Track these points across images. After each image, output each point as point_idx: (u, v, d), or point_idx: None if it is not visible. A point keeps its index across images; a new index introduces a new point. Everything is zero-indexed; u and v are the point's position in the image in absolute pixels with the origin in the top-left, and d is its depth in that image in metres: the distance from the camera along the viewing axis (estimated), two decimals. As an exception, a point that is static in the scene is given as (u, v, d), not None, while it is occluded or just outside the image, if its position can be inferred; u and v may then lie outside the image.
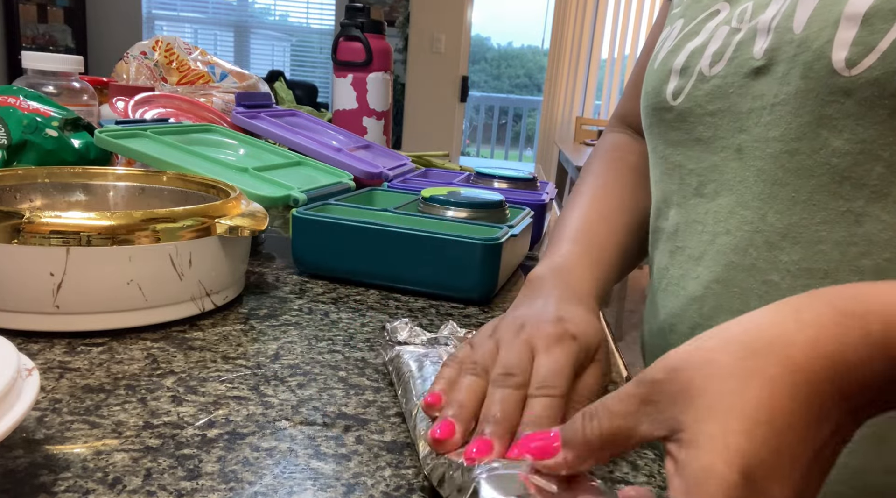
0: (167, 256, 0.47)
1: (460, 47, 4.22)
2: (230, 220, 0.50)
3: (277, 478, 0.32)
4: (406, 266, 0.59)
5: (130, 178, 0.61)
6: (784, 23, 0.38)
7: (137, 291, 0.46)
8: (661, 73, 0.47)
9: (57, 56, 0.80)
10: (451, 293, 0.59)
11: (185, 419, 0.37)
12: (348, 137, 0.99)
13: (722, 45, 0.43)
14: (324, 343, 0.48)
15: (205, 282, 0.49)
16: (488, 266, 0.58)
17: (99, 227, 0.44)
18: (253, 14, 5.29)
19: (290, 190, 0.65)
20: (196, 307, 0.50)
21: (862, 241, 0.36)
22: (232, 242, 0.51)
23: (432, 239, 0.57)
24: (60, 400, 0.37)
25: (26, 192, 0.57)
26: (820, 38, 0.36)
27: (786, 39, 0.38)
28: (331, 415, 0.38)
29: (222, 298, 0.52)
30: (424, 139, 4.31)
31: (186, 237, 0.47)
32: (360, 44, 1.04)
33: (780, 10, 0.39)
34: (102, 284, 0.45)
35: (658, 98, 0.47)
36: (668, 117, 0.46)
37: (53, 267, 0.43)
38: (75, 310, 0.45)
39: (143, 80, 1.05)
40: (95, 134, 0.65)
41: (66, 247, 0.43)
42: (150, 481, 0.31)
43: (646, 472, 0.36)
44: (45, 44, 4.74)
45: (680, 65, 0.45)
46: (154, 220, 0.46)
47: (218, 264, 0.50)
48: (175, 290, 0.48)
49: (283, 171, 0.73)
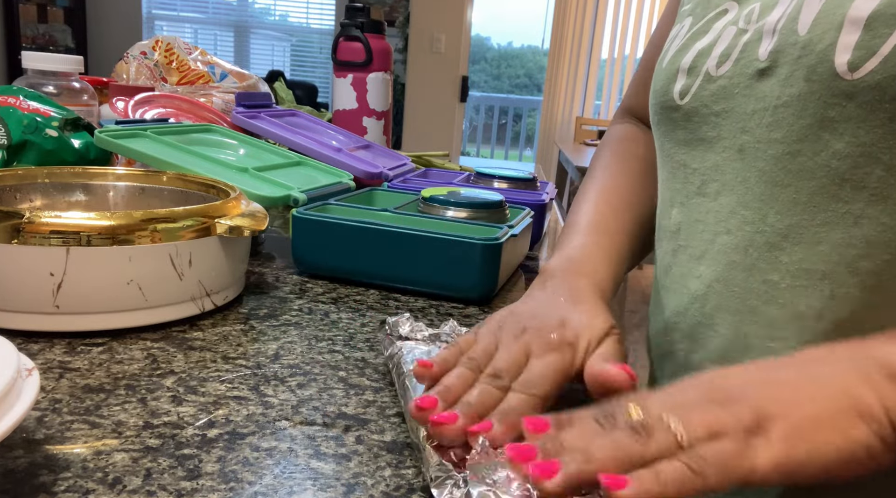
0: (167, 256, 0.47)
1: (460, 47, 4.22)
2: (230, 220, 0.50)
3: (277, 478, 0.32)
4: (406, 266, 0.59)
5: (130, 178, 0.61)
6: (789, 25, 0.38)
7: (137, 291, 0.46)
8: (668, 72, 0.47)
9: (57, 56, 0.80)
10: (451, 293, 0.59)
11: (185, 419, 0.37)
12: (348, 137, 0.99)
13: (729, 45, 0.43)
14: (324, 343, 0.48)
15: (205, 282, 0.49)
16: (488, 266, 0.58)
17: (99, 228, 0.44)
18: (253, 14, 5.29)
19: (290, 190, 0.65)
20: (196, 307, 0.50)
21: (860, 242, 0.36)
22: (232, 242, 0.51)
23: (432, 239, 0.57)
24: (60, 400, 0.37)
25: (26, 192, 0.57)
26: (823, 41, 0.36)
27: (790, 42, 0.38)
28: (331, 415, 0.39)
29: (222, 298, 0.52)
30: (424, 139, 4.31)
31: (186, 237, 0.47)
32: (360, 44, 1.04)
33: (785, 13, 0.39)
34: (102, 284, 0.45)
35: (665, 97, 0.47)
36: (675, 116, 0.46)
37: (53, 267, 0.43)
38: (75, 310, 0.45)
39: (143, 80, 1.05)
40: (95, 134, 0.65)
41: (66, 247, 0.43)
42: (150, 481, 0.31)
43: (646, 472, 0.36)
44: (45, 44, 4.74)
45: (687, 64, 0.46)
46: (154, 220, 0.46)
47: (218, 264, 0.50)
48: (175, 290, 0.48)
49: (283, 171, 0.73)
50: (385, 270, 0.60)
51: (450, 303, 0.59)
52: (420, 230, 0.58)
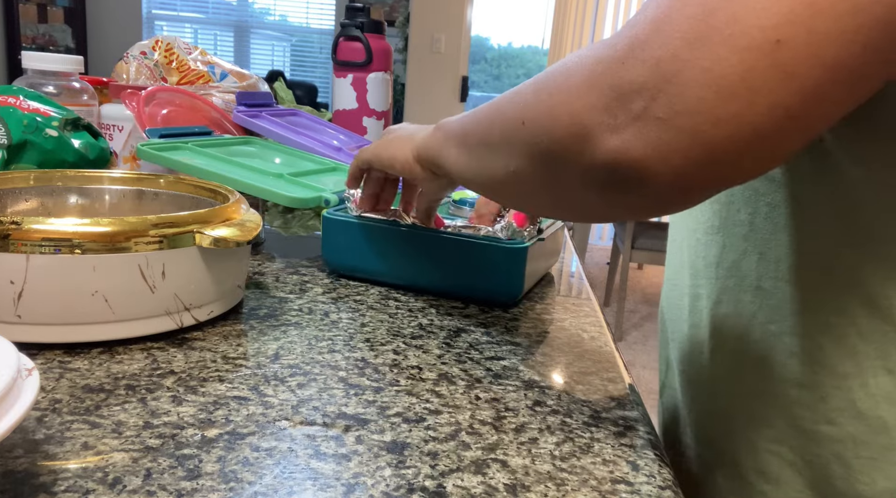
0: (136, 267, 0.43)
1: (460, 47, 4.22)
2: (213, 228, 0.46)
3: (277, 478, 0.32)
4: (432, 267, 0.59)
5: (125, 181, 0.59)
6: None
7: (103, 304, 0.43)
8: None
9: (57, 56, 0.79)
10: (477, 295, 0.59)
11: (185, 419, 0.37)
12: (349, 137, 0.99)
13: None
14: (324, 343, 0.48)
15: (182, 296, 0.46)
16: (514, 269, 0.58)
17: (60, 233, 0.41)
18: (253, 14, 5.29)
19: (321, 192, 0.65)
20: (173, 322, 0.46)
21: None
22: (216, 253, 0.47)
23: (456, 241, 0.58)
24: (60, 400, 0.37)
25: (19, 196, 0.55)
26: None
27: None
28: (331, 415, 0.38)
29: (205, 313, 0.48)
30: (424, 139, 4.31)
31: (157, 247, 0.44)
32: (360, 44, 1.04)
33: None
34: (64, 294, 0.42)
35: None
36: None
37: (13, 275, 0.41)
38: (37, 320, 0.42)
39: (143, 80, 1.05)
40: (138, 147, 0.69)
41: (25, 254, 0.41)
42: (150, 481, 0.31)
43: (646, 472, 0.36)
44: (45, 44, 4.74)
45: None
46: (123, 228, 0.43)
47: (198, 277, 0.47)
48: (146, 303, 0.44)
49: (318, 176, 0.75)
50: (411, 270, 0.60)
51: (450, 302, 0.59)
52: (445, 232, 0.59)
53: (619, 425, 0.40)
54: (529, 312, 0.59)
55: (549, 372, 0.47)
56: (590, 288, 0.69)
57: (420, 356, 0.47)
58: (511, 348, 0.50)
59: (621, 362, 0.51)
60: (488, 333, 0.53)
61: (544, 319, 0.57)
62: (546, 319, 0.58)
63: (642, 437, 0.39)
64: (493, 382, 0.44)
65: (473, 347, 0.50)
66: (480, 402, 0.42)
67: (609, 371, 0.48)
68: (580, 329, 0.56)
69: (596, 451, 0.37)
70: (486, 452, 0.36)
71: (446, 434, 0.37)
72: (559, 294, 0.65)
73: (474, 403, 0.41)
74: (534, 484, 0.34)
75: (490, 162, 0.40)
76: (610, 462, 0.36)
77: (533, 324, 0.56)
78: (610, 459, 0.37)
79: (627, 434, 0.40)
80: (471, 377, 0.45)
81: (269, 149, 0.82)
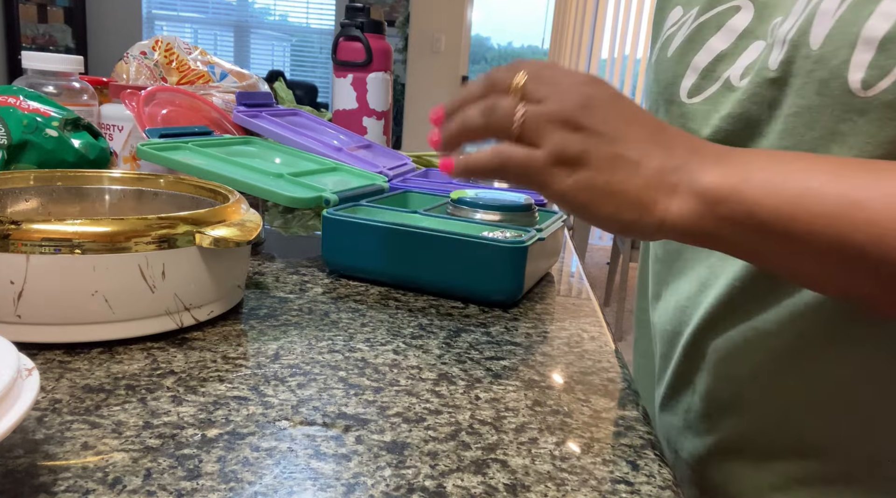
0: (136, 267, 0.43)
1: (460, 47, 4.22)
2: (213, 229, 0.46)
3: (277, 478, 0.32)
4: (431, 267, 0.59)
5: (125, 181, 0.60)
6: (799, 37, 0.39)
7: (103, 304, 0.43)
8: (678, 67, 0.47)
9: (57, 56, 0.79)
10: (477, 294, 0.59)
11: (185, 419, 0.37)
12: (349, 137, 0.99)
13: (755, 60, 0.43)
14: (324, 343, 0.48)
15: (182, 296, 0.46)
16: (514, 269, 0.58)
17: (59, 233, 0.41)
18: (253, 14, 5.29)
19: (321, 192, 0.65)
20: (173, 322, 0.46)
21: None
22: (216, 253, 0.47)
23: (455, 240, 0.58)
24: (60, 400, 0.37)
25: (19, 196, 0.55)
26: (837, 57, 0.37)
27: (801, 54, 0.39)
28: (331, 415, 0.38)
29: (206, 313, 0.48)
30: (424, 139, 4.31)
31: (157, 247, 0.44)
32: (360, 44, 1.04)
33: (795, 23, 0.40)
34: (64, 294, 0.42)
35: (671, 91, 0.47)
36: (677, 112, 0.47)
37: (14, 275, 0.41)
38: (37, 320, 0.42)
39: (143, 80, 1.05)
40: (138, 147, 0.68)
41: (25, 254, 0.41)
42: (150, 481, 0.31)
43: (646, 472, 0.36)
44: (45, 44, 4.74)
45: (702, 64, 0.46)
46: (122, 228, 0.43)
47: (198, 277, 0.47)
48: (146, 303, 0.44)
49: (319, 176, 0.75)
50: (411, 270, 0.60)
51: (450, 303, 0.59)
52: (443, 231, 0.59)
53: (618, 425, 0.40)
54: (529, 312, 0.59)
55: (549, 372, 0.47)
56: (590, 288, 0.69)
57: (420, 356, 0.47)
58: (511, 348, 0.50)
59: (621, 362, 0.51)
60: (488, 333, 0.53)
61: (544, 319, 0.57)
62: (546, 318, 0.58)
63: (642, 437, 0.39)
64: (493, 382, 0.44)
65: (473, 347, 0.50)
66: (480, 402, 0.42)
67: (609, 371, 0.48)
68: (580, 329, 0.56)
69: (596, 451, 0.37)
70: (486, 452, 0.36)
71: (446, 434, 0.37)
72: (559, 294, 0.65)
73: (474, 403, 0.41)
74: (534, 484, 0.34)
75: (803, 257, 0.35)
76: (610, 462, 0.36)
77: (533, 324, 0.56)
78: (610, 459, 0.37)
79: (627, 434, 0.40)
80: (471, 377, 0.45)
81: (269, 149, 0.83)
